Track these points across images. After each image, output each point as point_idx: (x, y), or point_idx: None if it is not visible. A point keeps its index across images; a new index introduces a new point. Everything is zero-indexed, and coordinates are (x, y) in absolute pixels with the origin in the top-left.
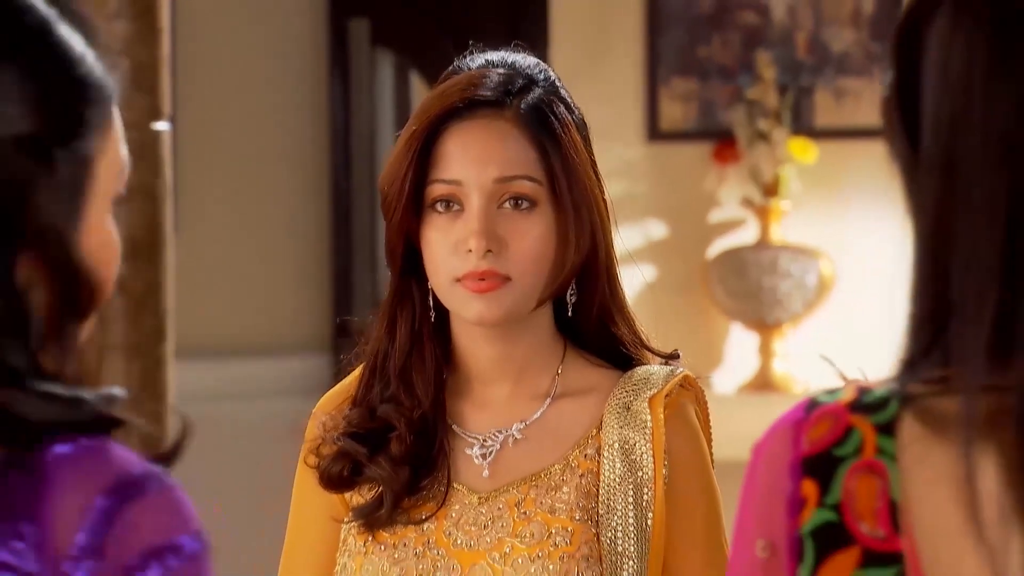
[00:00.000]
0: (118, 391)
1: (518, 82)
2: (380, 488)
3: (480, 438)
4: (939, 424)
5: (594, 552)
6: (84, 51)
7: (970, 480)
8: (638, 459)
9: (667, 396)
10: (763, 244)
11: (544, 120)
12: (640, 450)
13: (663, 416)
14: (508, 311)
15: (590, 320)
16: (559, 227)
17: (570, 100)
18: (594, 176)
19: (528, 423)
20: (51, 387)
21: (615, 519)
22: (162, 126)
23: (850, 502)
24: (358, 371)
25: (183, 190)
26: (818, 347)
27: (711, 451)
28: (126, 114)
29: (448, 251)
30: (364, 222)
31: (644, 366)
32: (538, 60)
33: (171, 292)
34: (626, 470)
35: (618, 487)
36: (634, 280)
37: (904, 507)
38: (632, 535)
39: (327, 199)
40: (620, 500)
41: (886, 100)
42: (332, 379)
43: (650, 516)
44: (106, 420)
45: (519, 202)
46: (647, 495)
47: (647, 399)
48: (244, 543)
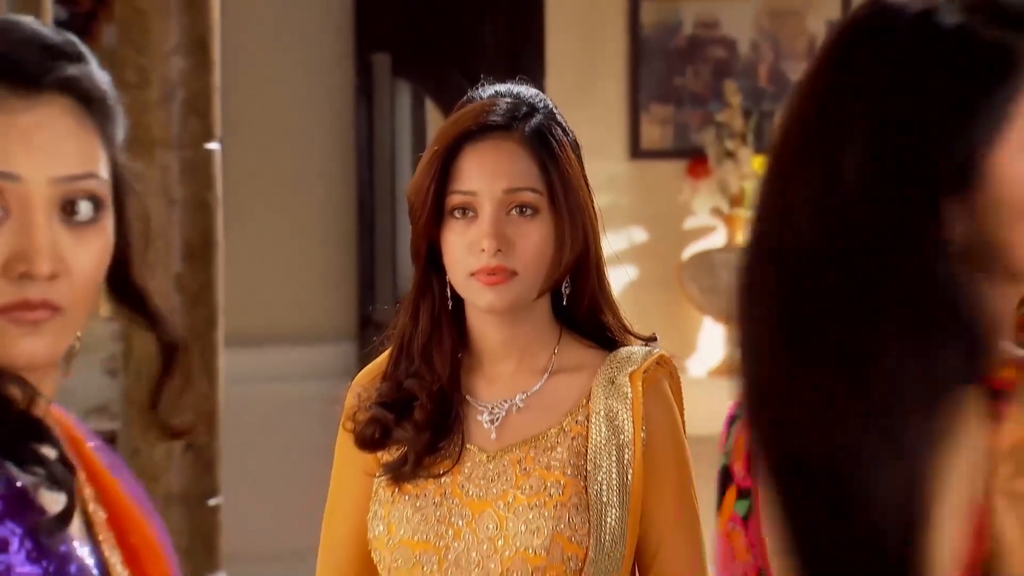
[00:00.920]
0: None
1: (522, 109)
2: (405, 448)
3: (489, 407)
4: None
5: (583, 502)
6: None
7: None
8: (620, 425)
9: (645, 372)
10: (730, 247)
11: (544, 141)
12: (622, 417)
13: (641, 389)
14: (514, 300)
15: (581, 308)
16: (557, 230)
17: (565, 124)
18: (586, 188)
19: (529, 394)
20: None
21: (600, 475)
22: (213, 146)
23: (735, 450)
24: (387, 352)
25: (231, 202)
26: None
27: (683, 418)
28: (182, 135)
29: (464, 250)
30: (385, 229)
31: (626, 347)
32: (537, 91)
33: (221, 289)
34: (610, 434)
35: (603, 448)
36: (619, 278)
37: (755, 454)
38: (615, 488)
39: (353, 209)
40: (605, 459)
41: None
42: (357, 363)
43: (630, 472)
44: None
45: (524, 209)
46: (628, 455)
47: (628, 374)
48: (283, 497)
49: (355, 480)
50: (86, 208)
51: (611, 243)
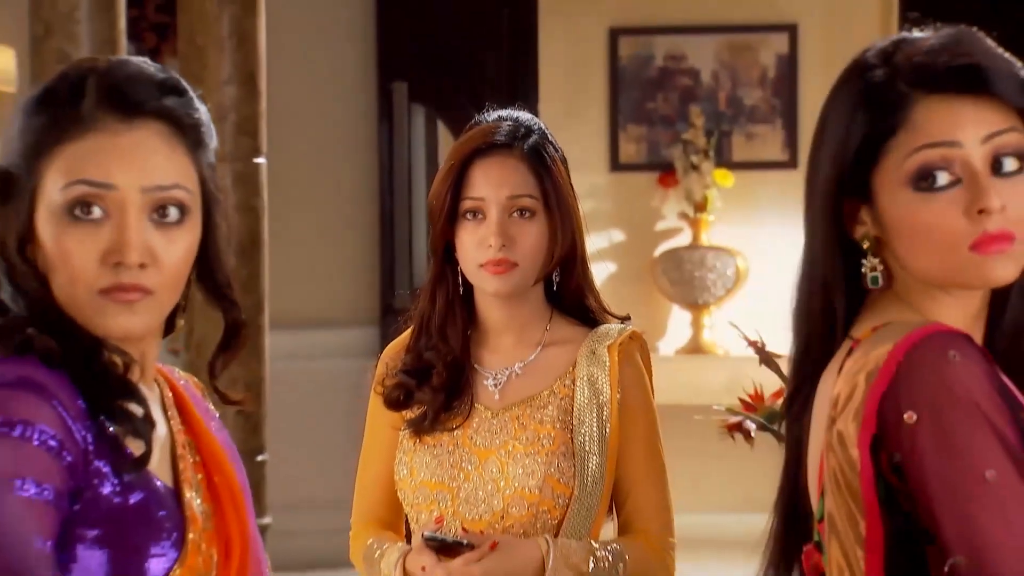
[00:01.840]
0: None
1: (521, 131)
2: (425, 407)
3: (493, 373)
4: None
5: (569, 450)
6: None
7: None
8: (600, 387)
9: (620, 345)
10: (694, 246)
11: (540, 157)
12: (601, 381)
13: (617, 358)
14: (515, 286)
15: (569, 293)
16: (550, 230)
17: (555, 142)
18: (573, 195)
19: (526, 363)
20: None
21: (584, 428)
22: (260, 160)
23: None
24: (409, 330)
25: (275, 207)
26: (735, 321)
27: (651, 384)
28: (234, 151)
29: (475, 246)
30: (403, 231)
31: (605, 325)
32: (532, 115)
33: (267, 280)
34: (591, 395)
35: (586, 407)
36: (600, 272)
37: None
38: (595, 439)
39: (376, 214)
40: (587, 415)
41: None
42: (380, 344)
43: (608, 426)
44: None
45: (523, 212)
46: (606, 412)
47: (607, 346)
48: (317, 454)
49: (384, 434)
50: (174, 212)
51: (594, 242)
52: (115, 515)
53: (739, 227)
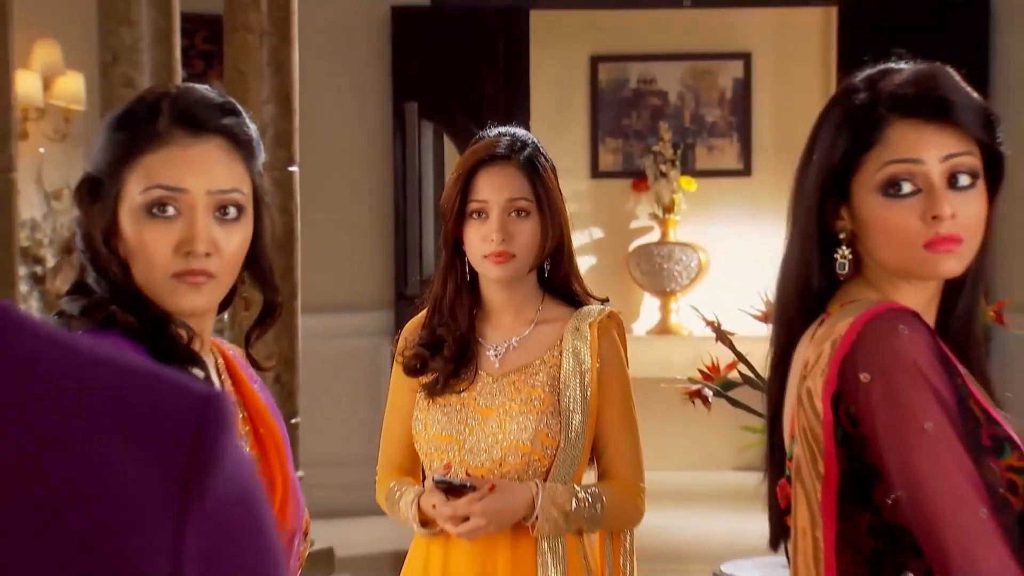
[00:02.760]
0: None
1: (518, 144)
2: (437, 374)
3: (494, 345)
4: None
5: (556, 410)
6: None
7: None
8: (582, 358)
9: (600, 323)
10: (663, 242)
11: (533, 166)
12: (583, 353)
13: (597, 333)
14: (513, 274)
15: (558, 280)
16: (542, 227)
17: (546, 154)
18: (561, 198)
19: (521, 338)
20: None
21: (568, 392)
22: (294, 169)
23: None
24: (424, 310)
25: (306, 208)
26: (697, 306)
27: (626, 356)
28: (272, 161)
29: (480, 240)
30: (414, 229)
31: (587, 306)
32: (527, 131)
33: (300, 270)
34: (575, 364)
35: (571, 374)
36: (583, 264)
37: None
38: (578, 401)
39: (391, 214)
40: (572, 381)
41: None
42: (394, 325)
43: (589, 391)
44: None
45: (520, 212)
46: (587, 379)
47: (588, 324)
48: (342, 419)
49: (404, 396)
50: (232, 211)
51: (578, 238)
52: None
53: (701, 226)
